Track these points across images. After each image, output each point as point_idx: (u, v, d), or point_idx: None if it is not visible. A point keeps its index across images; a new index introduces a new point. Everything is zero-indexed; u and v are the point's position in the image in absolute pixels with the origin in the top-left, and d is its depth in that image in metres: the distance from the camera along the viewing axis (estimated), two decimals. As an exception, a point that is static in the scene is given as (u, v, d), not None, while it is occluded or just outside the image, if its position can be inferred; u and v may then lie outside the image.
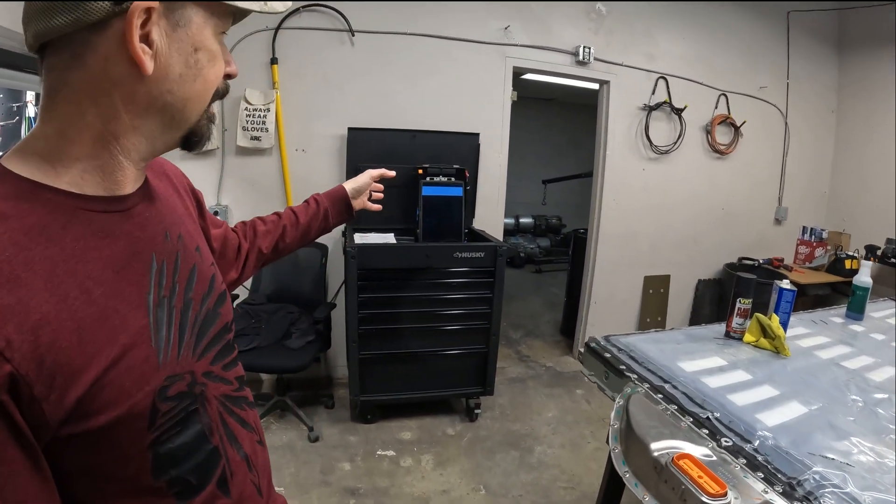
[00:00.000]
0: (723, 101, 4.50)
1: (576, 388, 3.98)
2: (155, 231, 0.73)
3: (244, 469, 0.81)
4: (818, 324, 2.24)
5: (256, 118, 3.41)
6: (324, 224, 1.34)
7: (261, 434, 0.90)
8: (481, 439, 3.29)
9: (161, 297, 0.70)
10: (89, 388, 0.57)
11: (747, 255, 4.78)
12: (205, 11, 0.66)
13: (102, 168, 0.66)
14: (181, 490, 0.70)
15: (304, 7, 3.43)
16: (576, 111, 8.17)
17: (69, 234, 0.60)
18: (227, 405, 0.80)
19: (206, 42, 0.67)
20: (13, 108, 2.43)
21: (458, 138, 3.71)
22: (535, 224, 8.80)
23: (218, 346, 0.80)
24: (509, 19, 3.79)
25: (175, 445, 0.69)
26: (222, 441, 0.77)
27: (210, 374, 0.77)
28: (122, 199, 0.68)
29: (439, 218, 3.45)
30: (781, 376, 1.63)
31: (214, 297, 0.82)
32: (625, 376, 1.62)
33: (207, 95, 0.71)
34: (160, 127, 0.68)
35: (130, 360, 0.62)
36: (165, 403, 0.66)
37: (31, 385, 0.53)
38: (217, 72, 0.71)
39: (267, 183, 3.57)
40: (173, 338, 0.69)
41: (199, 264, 0.81)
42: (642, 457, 1.25)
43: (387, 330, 3.17)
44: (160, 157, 0.82)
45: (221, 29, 0.70)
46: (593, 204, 4.40)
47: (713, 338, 1.96)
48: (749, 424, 1.32)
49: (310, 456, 3.04)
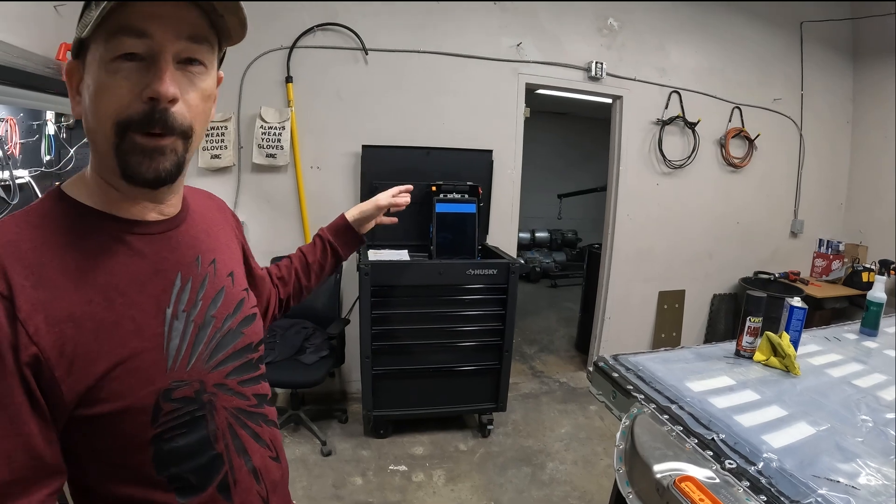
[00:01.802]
0: (736, 114, 4.52)
1: (589, 404, 3.99)
2: (185, 254, 0.84)
3: (251, 480, 0.86)
4: (831, 340, 2.22)
5: (272, 136, 3.50)
6: (333, 258, 1.37)
7: (278, 451, 0.96)
8: (493, 455, 3.32)
9: (181, 311, 0.79)
10: (99, 379, 0.69)
11: (763, 270, 4.78)
12: (93, 49, 0.69)
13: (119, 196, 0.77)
14: (181, 487, 0.78)
15: (319, 26, 3.53)
16: (590, 124, 8.21)
17: (104, 251, 0.73)
18: (241, 418, 0.87)
19: (93, 76, 0.69)
20: (33, 126, 2.50)
21: (471, 155, 3.78)
22: (550, 238, 8.85)
23: (236, 362, 0.87)
24: (521, 36, 3.86)
25: (178, 445, 0.77)
26: (228, 449, 0.83)
27: (223, 387, 0.84)
28: (151, 224, 0.80)
29: (453, 235, 3.51)
30: (790, 396, 1.63)
31: (239, 318, 0.90)
32: (632, 396, 1.63)
33: (105, 122, 0.69)
34: (99, 158, 0.75)
35: (139, 361, 0.72)
36: (169, 404, 0.75)
37: (53, 368, 0.66)
38: (112, 99, 0.69)
39: (282, 200, 3.66)
40: (185, 348, 0.78)
41: (228, 288, 0.90)
42: (645, 478, 1.26)
43: (400, 346, 3.22)
44: (214, 194, 1.02)
45: (112, 54, 0.67)
46: (607, 219, 4.43)
47: (723, 356, 1.96)
48: (754, 446, 1.32)
49: (322, 470, 3.09)
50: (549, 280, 8.27)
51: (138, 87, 0.68)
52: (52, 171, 2.59)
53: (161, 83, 0.68)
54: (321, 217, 3.71)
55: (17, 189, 2.30)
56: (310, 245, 1.36)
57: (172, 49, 0.69)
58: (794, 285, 4.56)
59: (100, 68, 0.68)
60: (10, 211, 2.21)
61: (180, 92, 0.71)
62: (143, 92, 0.68)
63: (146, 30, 0.67)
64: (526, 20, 3.87)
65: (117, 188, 0.76)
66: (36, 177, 2.46)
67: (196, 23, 0.71)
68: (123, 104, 0.68)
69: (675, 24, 4.25)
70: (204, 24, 0.72)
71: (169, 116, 0.70)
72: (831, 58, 4.86)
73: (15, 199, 2.28)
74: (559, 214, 8.60)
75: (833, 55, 4.87)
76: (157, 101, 0.69)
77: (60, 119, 2.61)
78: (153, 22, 0.67)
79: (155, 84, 0.68)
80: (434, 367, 3.30)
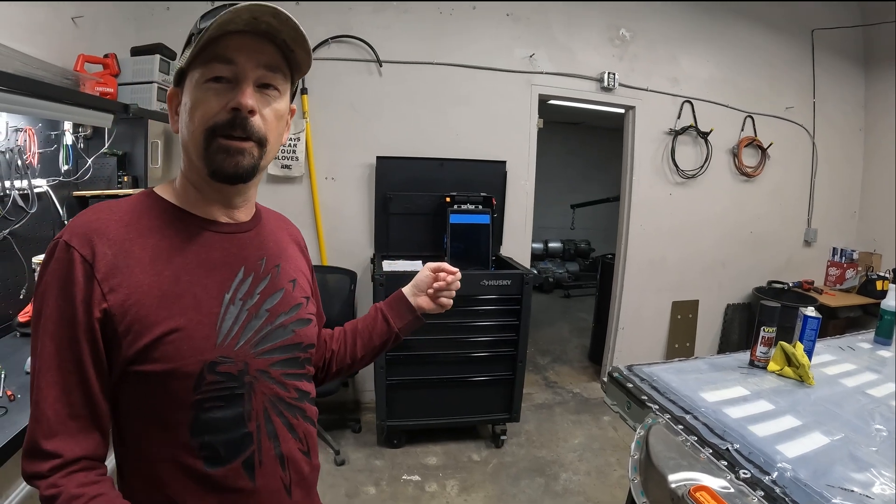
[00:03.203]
0: (749, 123, 4.58)
1: (603, 414, 4.03)
2: (250, 254, 0.99)
3: (276, 465, 0.95)
4: (845, 350, 2.24)
5: (287, 147, 3.60)
6: (385, 328, 1.31)
7: (310, 447, 1.04)
8: (507, 465, 3.36)
9: (237, 298, 0.93)
10: (155, 340, 0.83)
11: (777, 279, 4.81)
12: (191, 76, 0.88)
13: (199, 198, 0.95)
14: (209, 455, 0.88)
15: (333, 38, 3.63)
16: (603, 134, 8.27)
17: (181, 237, 0.91)
18: (278, 406, 0.96)
19: (189, 96, 0.88)
20: (51, 136, 2.55)
21: (485, 166, 3.86)
22: (563, 249, 8.90)
23: (283, 355, 0.98)
24: (534, 47, 3.94)
25: (214, 416, 0.88)
26: (259, 431, 0.93)
27: (265, 374, 0.94)
28: (224, 225, 0.97)
29: (467, 245, 3.58)
30: (804, 406, 1.65)
31: (293, 318, 1.02)
32: (646, 407, 1.64)
33: (198, 131, 0.87)
34: (190, 164, 0.93)
35: (192, 331, 0.86)
36: (212, 375, 0.87)
37: (117, 324, 0.82)
38: (205, 111, 0.86)
39: (297, 210, 3.74)
40: (236, 330, 0.91)
41: (287, 291, 1.03)
42: (660, 488, 1.27)
43: (414, 356, 3.29)
44: (292, 223, 1.20)
45: (206, 77, 0.86)
46: (620, 229, 4.49)
47: (737, 367, 1.98)
48: (769, 456, 1.33)
49: (335, 479, 3.15)
50: (562, 290, 8.32)
51: (224, 101, 0.86)
52: (70, 180, 2.64)
53: (243, 96, 0.86)
54: (336, 228, 3.82)
55: (36, 198, 2.34)
56: (365, 315, 1.36)
57: (253, 75, 0.88)
58: (808, 294, 4.59)
59: (195, 88, 0.87)
60: (27, 219, 2.28)
61: (258, 107, 0.88)
62: (228, 104, 0.86)
63: (233, 58, 0.86)
64: (538, 31, 3.96)
65: (199, 189, 0.94)
66: (54, 186, 2.49)
67: (272, 55, 0.90)
68: (212, 113, 0.86)
69: (686, 34, 4.32)
70: (278, 56, 0.91)
71: (248, 124, 0.87)
72: (843, 65, 4.91)
73: (33, 207, 2.32)
74: (572, 225, 8.66)
75: (844, 62, 4.91)
76: (239, 110, 0.86)
77: (78, 129, 2.66)
78: (238, 53, 0.86)
79: (238, 97, 0.86)
80: (447, 377, 3.36)
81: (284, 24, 0.86)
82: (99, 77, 2.65)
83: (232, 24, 0.84)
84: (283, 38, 0.89)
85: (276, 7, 0.84)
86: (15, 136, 2.25)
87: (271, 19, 0.85)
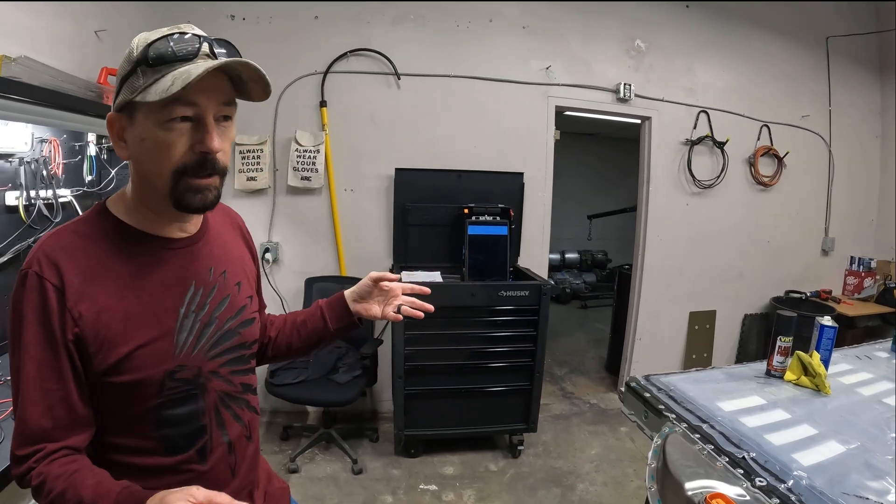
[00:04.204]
0: (765, 132, 4.62)
1: (620, 425, 4.06)
2: (201, 266, 1.08)
3: (224, 450, 1.11)
4: (862, 359, 2.26)
5: (306, 159, 3.69)
6: (322, 326, 1.36)
7: (251, 432, 1.19)
8: (523, 476, 3.40)
9: (190, 311, 1.04)
10: (123, 357, 0.94)
11: (794, 289, 4.83)
12: (145, 109, 0.91)
13: (154, 217, 1.02)
14: (169, 447, 1.03)
15: (352, 52, 3.74)
16: (620, 144, 8.28)
17: (138, 259, 0.99)
18: (225, 400, 1.11)
19: (148, 132, 0.92)
20: (75, 147, 2.63)
21: (502, 177, 3.93)
22: (580, 259, 8.91)
23: (231, 355, 1.12)
24: (550, 59, 4.03)
25: (174, 413, 1.02)
26: (210, 423, 1.08)
27: (216, 374, 1.08)
28: (176, 241, 1.05)
29: (485, 256, 3.65)
30: (821, 415, 1.68)
31: (240, 320, 1.15)
32: (663, 416, 1.68)
33: (164, 170, 0.93)
34: (149, 191, 0.99)
35: (155, 346, 0.97)
36: (172, 381, 1.00)
37: (88, 345, 0.92)
38: (171, 153, 0.92)
39: (317, 222, 3.85)
40: (191, 341, 1.03)
41: (233, 296, 1.14)
42: (677, 496, 1.31)
43: (432, 366, 3.35)
44: (232, 210, 1.29)
45: (167, 117, 0.90)
46: (637, 240, 4.53)
47: (754, 376, 2.01)
48: (784, 464, 1.36)
49: (353, 488, 3.20)
50: (579, 301, 8.34)
51: (190, 142, 0.93)
52: (94, 190, 2.74)
53: (211, 140, 0.93)
54: (355, 239, 3.90)
55: (60, 207, 2.45)
56: (307, 309, 1.43)
57: (213, 112, 0.94)
58: (826, 304, 4.61)
59: (156, 127, 0.91)
60: (51, 228, 2.36)
61: (219, 143, 0.95)
62: (195, 146, 0.93)
63: (195, 101, 0.91)
64: (554, 43, 4.04)
65: (156, 212, 1.01)
66: (78, 196, 2.58)
67: (229, 91, 0.97)
68: (179, 155, 0.93)
69: (701, 44, 4.38)
70: (231, 87, 0.97)
71: (216, 163, 0.96)
72: (858, 72, 4.93)
73: (58, 217, 2.43)
74: (589, 235, 8.72)
75: (860, 69, 4.94)
76: (208, 153, 0.94)
77: (101, 141, 2.76)
78: (200, 94, 0.91)
79: (206, 141, 0.93)
80: (465, 387, 3.41)
81: (246, 67, 0.93)
82: (122, 89, 2.72)
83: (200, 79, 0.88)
84: (239, 74, 0.95)
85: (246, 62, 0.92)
86: (40, 146, 2.34)
87: (236, 66, 0.93)
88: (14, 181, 2.23)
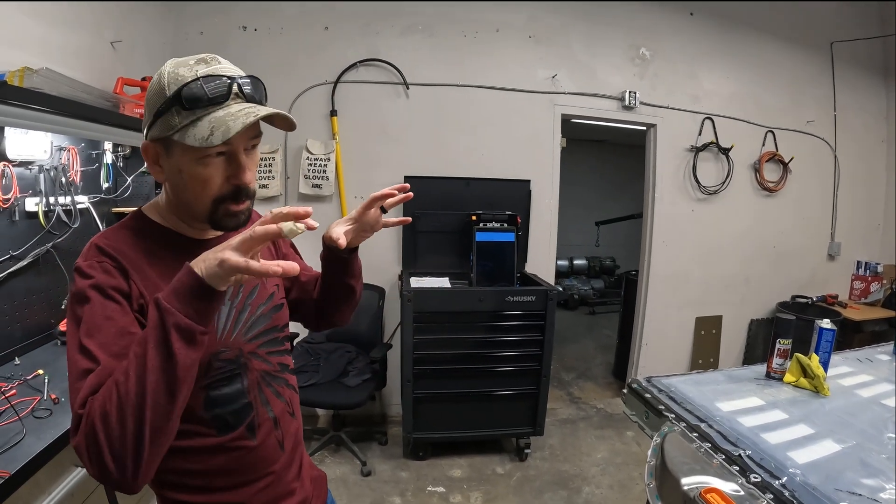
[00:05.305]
0: (770, 137, 4.67)
1: (626, 430, 4.11)
2: None
3: (270, 425, 1.20)
4: (863, 362, 2.27)
5: (317, 167, 3.80)
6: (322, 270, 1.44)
7: (294, 409, 1.30)
8: (530, 479, 3.47)
9: (226, 299, 1.12)
10: None
11: (800, 294, 4.87)
12: (183, 146, 0.98)
13: (186, 227, 1.13)
14: (220, 426, 1.12)
15: (361, 62, 3.84)
16: (627, 151, 8.31)
17: (176, 254, 1.07)
18: (267, 379, 1.21)
19: (186, 167, 1.01)
20: (93, 155, 2.71)
21: (510, 185, 4.03)
22: (588, 266, 8.95)
23: (266, 338, 1.23)
24: (556, 68, 4.12)
25: (221, 393, 1.11)
26: (256, 400, 1.17)
27: (255, 355, 1.19)
28: (209, 240, 1.15)
29: (492, 263, 3.74)
30: (818, 415, 1.70)
31: (270, 306, 1.27)
32: (663, 416, 1.71)
33: (203, 200, 1.03)
34: (187, 211, 1.10)
35: None
36: (218, 362, 1.10)
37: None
38: (209, 186, 1.02)
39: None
40: (229, 325, 1.14)
41: (262, 285, 1.26)
42: (674, 491, 1.34)
43: (440, 370, 3.43)
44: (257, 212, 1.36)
45: (199, 155, 0.98)
46: (643, 246, 4.60)
47: (753, 378, 2.05)
48: (780, 462, 1.39)
49: (362, 490, 3.29)
50: (587, 307, 8.38)
51: (226, 174, 1.03)
52: (111, 197, 2.83)
53: (244, 175, 1.04)
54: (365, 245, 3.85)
55: (78, 213, 2.53)
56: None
57: (243, 146, 1.03)
58: (832, 309, 4.65)
59: (193, 162, 1.00)
60: (70, 234, 2.48)
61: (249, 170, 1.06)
62: (230, 179, 1.03)
63: (230, 140, 0.97)
64: (560, 52, 4.14)
65: (189, 224, 1.12)
66: (95, 203, 2.68)
67: (257, 127, 1.04)
68: (216, 187, 1.03)
69: (706, 51, 4.46)
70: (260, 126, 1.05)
71: (248, 190, 1.07)
72: (863, 77, 4.97)
73: (76, 223, 2.51)
74: (597, 241, 8.80)
75: (865, 74, 4.98)
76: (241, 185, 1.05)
77: (118, 149, 2.85)
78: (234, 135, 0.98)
79: (240, 175, 1.04)
80: (473, 391, 3.49)
81: (276, 116, 1.01)
82: (137, 99, 2.78)
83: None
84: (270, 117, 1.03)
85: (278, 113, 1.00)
86: (59, 154, 2.43)
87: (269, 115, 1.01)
88: (34, 188, 2.31)
